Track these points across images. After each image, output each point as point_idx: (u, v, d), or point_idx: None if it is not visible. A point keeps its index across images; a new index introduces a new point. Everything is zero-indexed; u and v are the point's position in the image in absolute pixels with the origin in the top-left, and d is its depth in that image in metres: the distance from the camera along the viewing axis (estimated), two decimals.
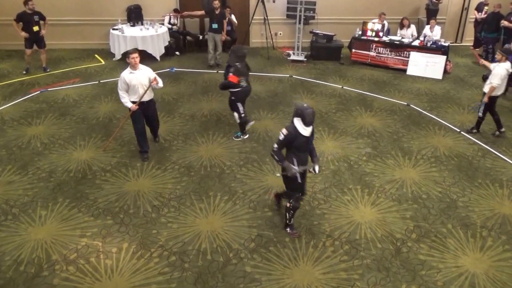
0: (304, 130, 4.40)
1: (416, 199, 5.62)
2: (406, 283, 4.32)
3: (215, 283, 4.24)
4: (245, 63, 6.70)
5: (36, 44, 9.11)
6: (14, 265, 4.35)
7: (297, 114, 4.39)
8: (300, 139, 4.42)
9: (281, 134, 4.43)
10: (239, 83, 6.57)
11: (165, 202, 5.37)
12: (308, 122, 4.36)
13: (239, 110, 6.79)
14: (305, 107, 4.36)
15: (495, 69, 6.98)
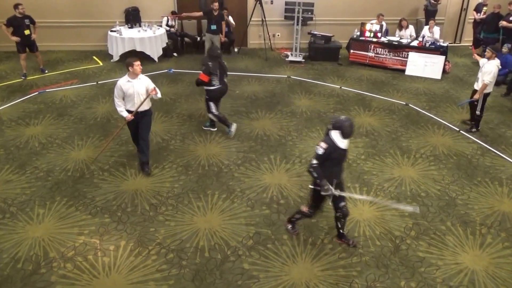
0: (342, 143, 4.21)
1: (415, 197, 5.61)
2: (405, 280, 4.30)
3: (213, 280, 4.22)
4: (218, 63, 6.77)
5: (29, 48, 9.10)
6: (11, 262, 4.33)
7: (336, 127, 4.19)
8: (338, 152, 4.23)
9: (320, 148, 4.18)
10: (210, 82, 6.72)
11: (162, 200, 5.35)
12: (347, 134, 4.19)
13: (210, 108, 6.96)
14: (344, 120, 4.19)
15: (485, 66, 7.00)
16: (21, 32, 8.78)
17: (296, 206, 5.30)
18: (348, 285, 4.22)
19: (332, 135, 4.23)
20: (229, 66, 10.29)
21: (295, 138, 7.02)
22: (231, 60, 11.06)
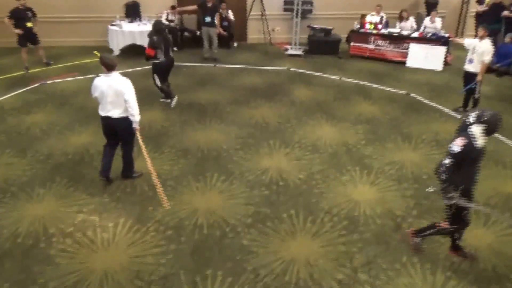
0: (481, 140, 3.63)
1: (417, 179, 5.57)
2: (407, 255, 4.26)
3: (212, 254, 4.19)
4: (162, 37, 7.06)
5: (30, 41, 9.15)
6: (11, 237, 4.33)
7: (481, 121, 3.57)
8: (475, 152, 3.65)
9: (456, 146, 3.60)
10: (156, 55, 7.05)
11: (162, 182, 5.32)
12: (493, 130, 3.59)
13: (155, 81, 7.43)
14: (493, 113, 3.57)
15: (481, 46, 6.99)
16: (23, 25, 8.82)
17: (295, 188, 5.28)
18: (349, 260, 4.18)
19: (473, 130, 3.62)
20: (228, 60, 10.44)
21: (294, 125, 7.00)
22: (230, 54, 11.10)
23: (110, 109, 4.90)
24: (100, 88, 4.86)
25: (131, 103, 4.84)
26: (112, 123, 4.99)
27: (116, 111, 4.91)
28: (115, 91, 4.81)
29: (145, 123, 6.89)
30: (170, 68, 7.50)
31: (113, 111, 4.92)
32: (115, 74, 4.88)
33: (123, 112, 4.92)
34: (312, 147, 6.29)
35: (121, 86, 4.81)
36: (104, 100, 4.90)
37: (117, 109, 4.90)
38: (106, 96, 4.85)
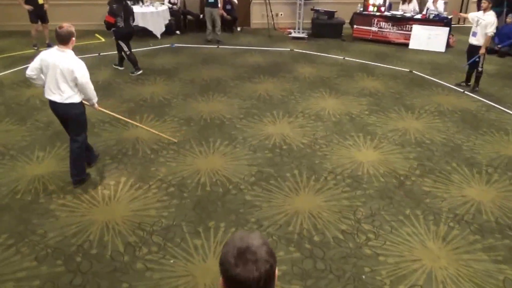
0: None
1: (420, 143, 5.53)
2: (410, 208, 4.22)
3: (215, 208, 4.16)
4: (122, 5, 7.31)
5: (41, 19, 9.16)
6: (10, 194, 4.30)
7: None
8: None
9: None
10: (116, 23, 7.30)
11: (164, 146, 5.31)
12: None
13: (123, 48, 7.62)
14: None
15: (485, 18, 6.94)
16: (34, 1, 8.83)
17: (299, 151, 5.24)
18: (352, 213, 4.14)
19: None
20: (231, 42, 10.41)
21: (298, 98, 6.96)
22: (234, 37, 11.08)
23: (54, 91, 4.13)
24: (46, 63, 4.07)
25: (85, 90, 4.17)
26: (56, 109, 4.26)
27: (61, 95, 4.13)
28: (62, 71, 4.01)
29: (147, 95, 6.91)
30: (131, 36, 7.74)
31: (57, 95, 4.14)
32: (69, 52, 4.08)
33: (70, 97, 4.16)
34: (316, 116, 6.26)
35: (72, 66, 4.00)
36: (48, 79, 4.10)
37: (63, 93, 4.12)
38: (51, 75, 4.06)
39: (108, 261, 3.52)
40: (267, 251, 1.27)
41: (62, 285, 3.28)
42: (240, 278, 1.23)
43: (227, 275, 1.26)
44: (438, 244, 3.76)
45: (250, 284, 1.23)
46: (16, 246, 3.64)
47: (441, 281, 3.38)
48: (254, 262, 1.24)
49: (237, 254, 1.25)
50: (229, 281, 1.26)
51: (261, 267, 1.24)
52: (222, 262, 1.27)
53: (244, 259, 1.24)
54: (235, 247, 1.27)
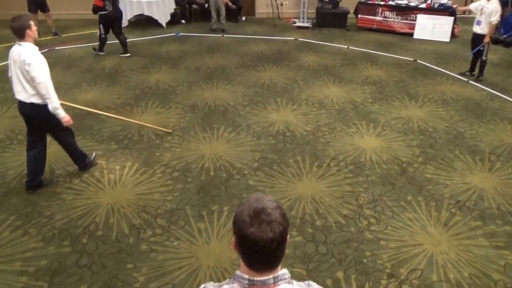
0: None
1: (423, 131, 5.55)
2: (412, 195, 4.26)
3: (218, 192, 4.22)
4: None
5: (40, 8, 9.18)
6: (18, 177, 4.39)
7: None
8: None
9: None
10: (104, 7, 7.65)
11: (168, 133, 5.36)
12: None
13: (100, 30, 8.02)
14: None
15: (489, 7, 6.88)
16: None
17: (302, 138, 5.28)
18: (355, 198, 4.19)
19: None
20: (236, 31, 10.41)
21: (301, 86, 6.99)
22: (239, 26, 11.07)
23: (19, 90, 3.81)
24: (10, 59, 3.79)
25: (40, 84, 3.69)
26: (22, 109, 3.93)
27: (24, 93, 3.80)
28: (20, 66, 3.69)
29: (152, 82, 6.96)
30: (116, 20, 8.03)
31: (22, 93, 3.81)
32: (26, 45, 3.70)
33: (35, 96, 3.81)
34: (319, 104, 6.28)
35: (27, 62, 3.63)
36: (13, 76, 3.80)
37: (26, 91, 3.79)
38: (13, 71, 3.78)
39: (113, 242, 3.59)
40: (281, 213, 1.28)
41: (68, 264, 3.36)
42: (254, 237, 1.24)
43: (241, 234, 1.26)
44: (439, 230, 3.80)
45: (264, 244, 1.24)
46: (24, 228, 3.72)
47: (442, 265, 3.43)
48: (269, 223, 1.24)
49: (253, 214, 1.25)
50: (243, 240, 1.27)
51: (275, 228, 1.25)
52: (237, 221, 1.28)
53: (259, 219, 1.25)
54: (251, 207, 1.27)
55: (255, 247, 1.25)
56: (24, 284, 3.19)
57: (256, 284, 1.30)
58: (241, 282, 1.32)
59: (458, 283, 3.26)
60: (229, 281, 1.37)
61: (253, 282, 1.30)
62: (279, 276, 1.32)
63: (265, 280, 1.30)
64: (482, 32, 7.14)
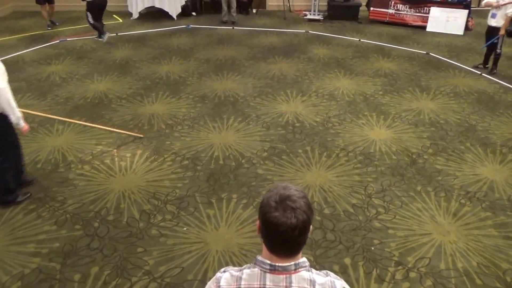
0: None
1: (434, 123, 5.51)
2: (422, 185, 4.24)
3: (227, 180, 4.25)
4: None
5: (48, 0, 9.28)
6: (31, 163, 4.46)
7: None
8: None
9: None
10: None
11: (179, 121, 5.41)
12: None
13: (88, 18, 8.18)
14: None
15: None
16: None
17: (311, 128, 5.29)
18: (363, 188, 4.19)
19: None
20: (247, 24, 10.40)
21: (312, 78, 6.97)
22: (249, 18, 11.06)
23: None
24: None
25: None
26: None
27: None
28: None
29: (163, 73, 7.00)
30: (103, 7, 8.33)
31: None
32: None
33: None
34: (329, 95, 6.27)
35: None
36: None
37: None
38: None
39: (124, 226, 3.65)
40: (306, 203, 1.32)
41: (80, 247, 3.43)
42: (277, 221, 1.27)
43: (265, 217, 1.30)
44: (448, 220, 3.79)
45: (286, 229, 1.27)
46: (37, 211, 3.80)
47: (450, 254, 3.42)
48: (293, 209, 1.28)
49: (279, 199, 1.30)
50: (266, 224, 1.30)
51: (299, 215, 1.28)
52: (263, 204, 1.33)
53: (285, 205, 1.28)
54: (278, 193, 1.31)
55: (277, 232, 1.28)
56: (37, 264, 3.27)
57: (278, 270, 1.33)
58: (262, 267, 1.35)
59: (466, 271, 3.26)
60: (250, 265, 1.39)
61: (274, 267, 1.33)
62: (300, 264, 1.35)
63: (286, 266, 1.33)
64: (497, 25, 7.05)
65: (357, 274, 3.22)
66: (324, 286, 1.35)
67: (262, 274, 1.34)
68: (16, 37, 8.88)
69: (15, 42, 8.60)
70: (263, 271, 1.34)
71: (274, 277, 1.33)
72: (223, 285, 1.37)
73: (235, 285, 1.36)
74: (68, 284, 3.12)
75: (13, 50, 7.97)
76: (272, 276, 1.33)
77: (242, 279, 1.35)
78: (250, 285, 1.34)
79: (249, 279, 1.35)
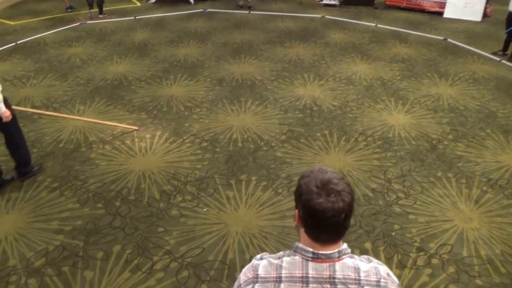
0: None
1: (453, 109, 5.45)
2: (442, 171, 4.22)
3: (246, 163, 4.27)
4: None
5: None
6: (54, 142, 4.53)
7: None
8: None
9: None
10: None
11: (197, 104, 5.42)
12: None
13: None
14: None
15: None
16: None
17: (329, 112, 5.27)
18: (383, 173, 4.18)
19: None
20: (263, 8, 10.32)
21: (329, 62, 6.92)
22: (265, 3, 10.96)
23: None
24: None
25: None
26: None
27: None
28: None
29: (181, 56, 7.00)
30: None
31: None
32: None
33: None
34: (347, 80, 6.23)
35: None
36: None
37: None
38: None
39: (144, 206, 3.70)
40: (347, 184, 1.23)
41: (102, 226, 3.49)
42: (324, 208, 1.18)
43: (308, 205, 1.20)
44: (470, 207, 3.77)
45: (334, 214, 1.19)
46: (60, 189, 3.86)
47: (473, 241, 3.40)
48: (338, 192, 1.20)
49: (321, 184, 1.20)
50: (310, 212, 1.21)
51: (344, 198, 1.20)
52: (303, 192, 1.22)
53: (327, 189, 1.20)
54: (317, 178, 1.22)
55: (324, 218, 1.19)
56: (61, 242, 3.34)
57: (321, 258, 1.24)
58: (304, 255, 1.26)
59: (489, 259, 3.24)
60: (289, 252, 1.31)
61: (317, 256, 1.25)
62: (343, 250, 1.27)
63: (330, 254, 1.25)
64: None
65: (378, 259, 3.19)
66: (368, 273, 1.26)
67: (304, 263, 1.26)
68: (38, 20, 8.93)
69: (37, 24, 8.65)
70: (305, 259, 1.26)
71: (317, 266, 1.24)
72: (262, 273, 1.28)
73: (275, 273, 1.27)
74: (91, 261, 3.18)
75: (35, 32, 8.04)
76: (315, 265, 1.25)
77: (283, 268, 1.26)
78: (291, 274, 1.25)
79: (290, 268, 1.26)
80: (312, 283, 1.24)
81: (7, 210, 3.66)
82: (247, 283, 1.29)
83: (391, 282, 1.29)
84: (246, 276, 1.31)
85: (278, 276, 1.26)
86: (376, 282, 1.26)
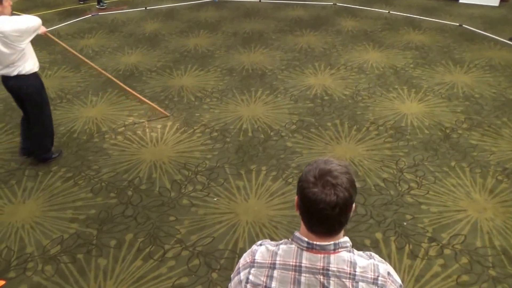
0: None
1: (468, 97, 5.36)
2: (456, 161, 4.16)
3: (256, 153, 4.27)
4: None
5: None
6: (67, 133, 4.60)
7: None
8: None
9: None
10: None
11: (207, 94, 5.43)
12: None
13: None
14: None
15: None
16: None
17: (340, 102, 5.22)
18: (395, 163, 4.14)
19: None
20: None
21: (340, 50, 6.84)
22: None
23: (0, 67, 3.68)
24: None
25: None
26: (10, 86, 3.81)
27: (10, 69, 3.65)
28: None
29: (191, 46, 7.00)
30: None
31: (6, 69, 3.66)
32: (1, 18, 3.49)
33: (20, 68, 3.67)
34: (358, 68, 6.16)
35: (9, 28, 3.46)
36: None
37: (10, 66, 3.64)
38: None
39: (156, 196, 3.74)
40: (349, 179, 1.21)
41: (115, 215, 3.54)
42: (315, 197, 1.18)
43: (304, 193, 1.21)
44: (484, 196, 3.72)
45: (325, 206, 1.18)
46: (74, 179, 3.92)
47: (487, 232, 3.36)
48: (333, 186, 1.18)
49: (318, 174, 1.20)
50: (305, 200, 1.22)
51: (339, 192, 1.18)
52: (302, 179, 1.24)
53: (324, 180, 1.19)
54: (318, 167, 1.22)
55: (315, 209, 1.19)
56: (75, 230, 3.40)
57: (315, 249, 1.25)
58: (299, 244, 1.27)
59: (504, 250, 3.20)
60: (286, 241, 1.32)
61: (312, 246, 1.25)
62: (340, 244, 1.25)
63: (324, 245, 1.24)
64: None
65: (389, 249, 3.22)
66: (365, 269, 1.24)
67: (299, 252, 1.27)
68: (52, 12, 9.00)
69: (51, 16, 8.72)
70: (300, 249, 1.27)
71: (311, 256, 1.25)
72: (258, 259, 1.31)
73: (270, 260, 1.29)
74: (105, 249, 3.24)
75: (49, 24, 8.10)
76: (309, 255, 1.25)
77: (278, 255, 1.29)
78: (285, 261, 1.27)
79: (284, 256, 1.28)
80: (305, 273, 1.25)
81: (24, 199, 3.74)
82: (245, 267, 1.33)
83: (391, 282, 1.26)
84: (245, 260, 1.35)
85: (273, 263, 1.29)
86: (373, 279, 1.24)
